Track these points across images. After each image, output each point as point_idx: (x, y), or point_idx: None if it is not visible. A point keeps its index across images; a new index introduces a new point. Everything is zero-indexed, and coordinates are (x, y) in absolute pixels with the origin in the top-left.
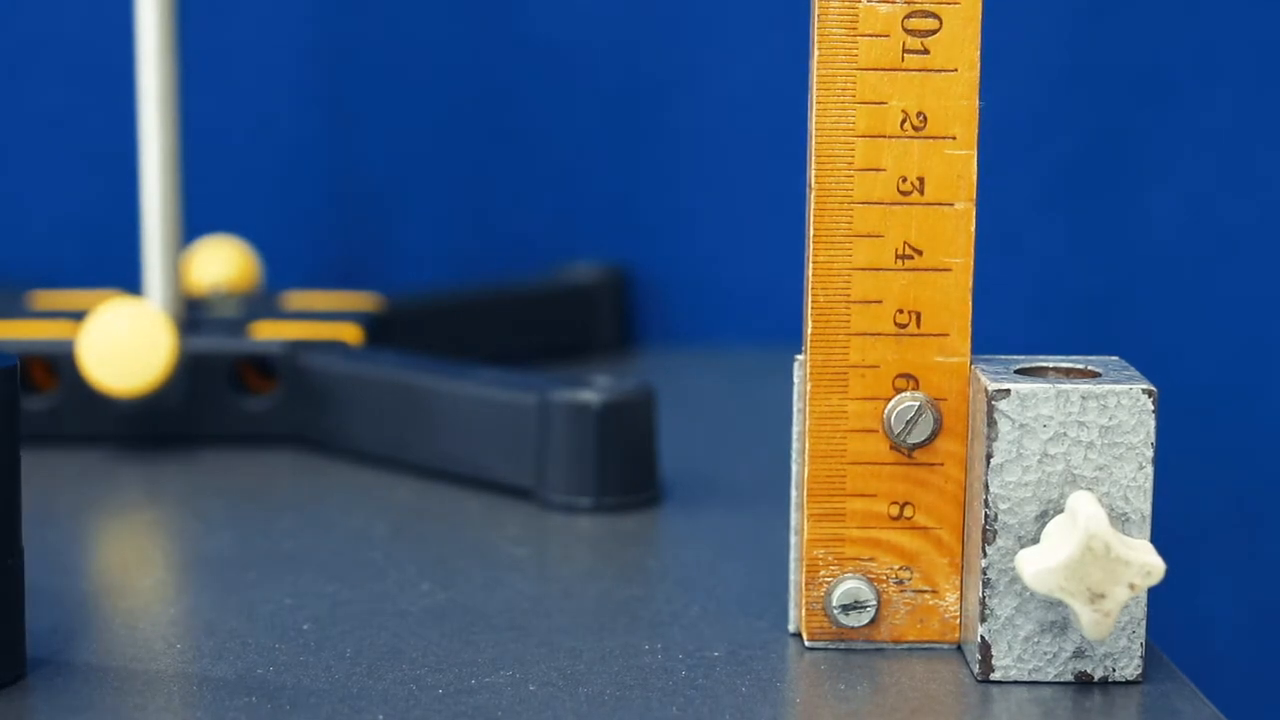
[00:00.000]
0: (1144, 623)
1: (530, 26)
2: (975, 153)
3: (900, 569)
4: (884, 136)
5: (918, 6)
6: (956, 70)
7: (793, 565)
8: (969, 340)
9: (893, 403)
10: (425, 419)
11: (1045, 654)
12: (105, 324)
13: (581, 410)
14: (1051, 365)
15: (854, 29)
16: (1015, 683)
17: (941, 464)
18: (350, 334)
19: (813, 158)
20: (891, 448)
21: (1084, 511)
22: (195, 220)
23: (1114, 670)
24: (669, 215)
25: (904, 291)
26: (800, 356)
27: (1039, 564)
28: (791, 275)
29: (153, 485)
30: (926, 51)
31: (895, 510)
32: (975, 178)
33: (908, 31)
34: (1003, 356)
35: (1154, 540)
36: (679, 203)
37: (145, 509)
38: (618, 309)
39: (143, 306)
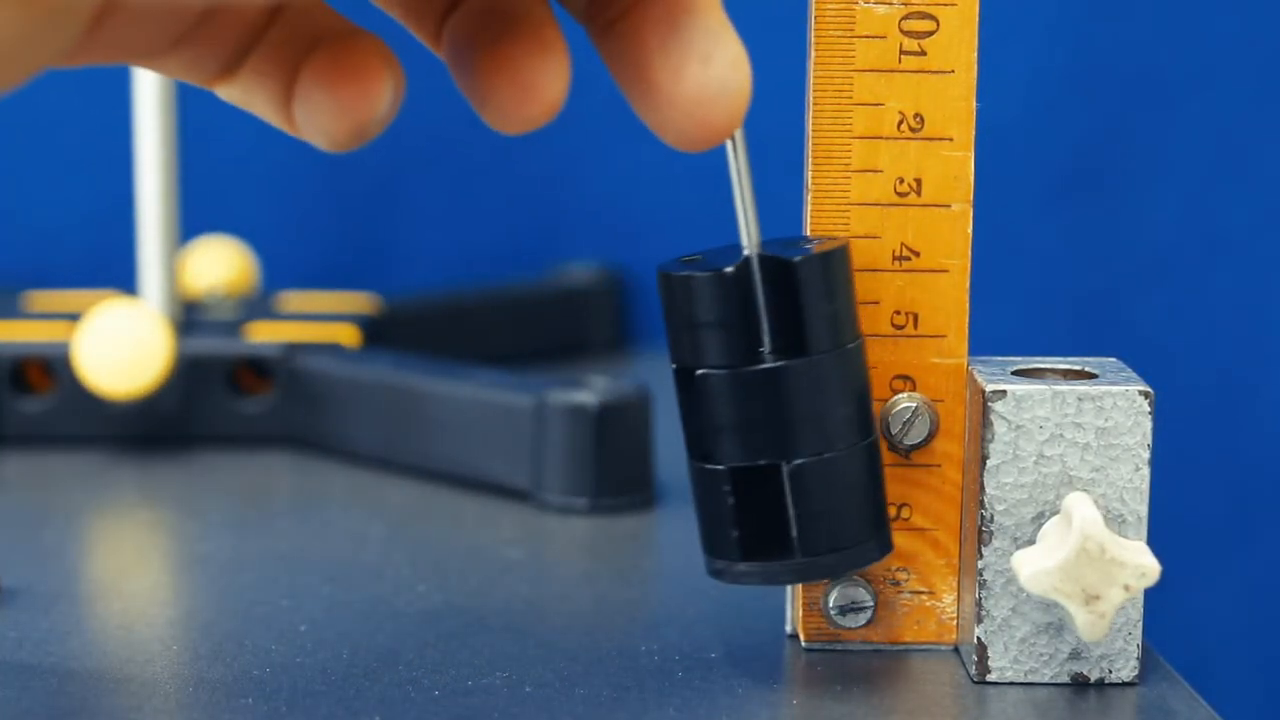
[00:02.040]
0: (1140, 624)
1: None
2: (972, 154)
3: (897, 570)
4: (881, 138)
5: (915, 8)
6: (954, 72)
7: None
8: (966, 341)
9: (890, 404)
10: (422, 421)
11: (1041, 655)
12: (102, 327)
13: (578, 412)
14: (1049, 366)
15: (851, 30)
16: (1011, 684)
17: (938, 465)
18: (347, 335)
19: (810, 159)
20: (888, 449)
21: (1079, 513)
22: (192, 220)
23: (1110, 672)
24: (664, 216)
25: (901, 293)
26: None
27: (1035, 565)
28: None
29: (149, 487)
30: (924, 53)
31: (892, 511)
32: (972, 179)
33: (905, 33)
34: (1000, 358)
35: (1150, 542)
36: (674, 204)
37: (141, 510)
38: (613, 310)
39: (139, 309)
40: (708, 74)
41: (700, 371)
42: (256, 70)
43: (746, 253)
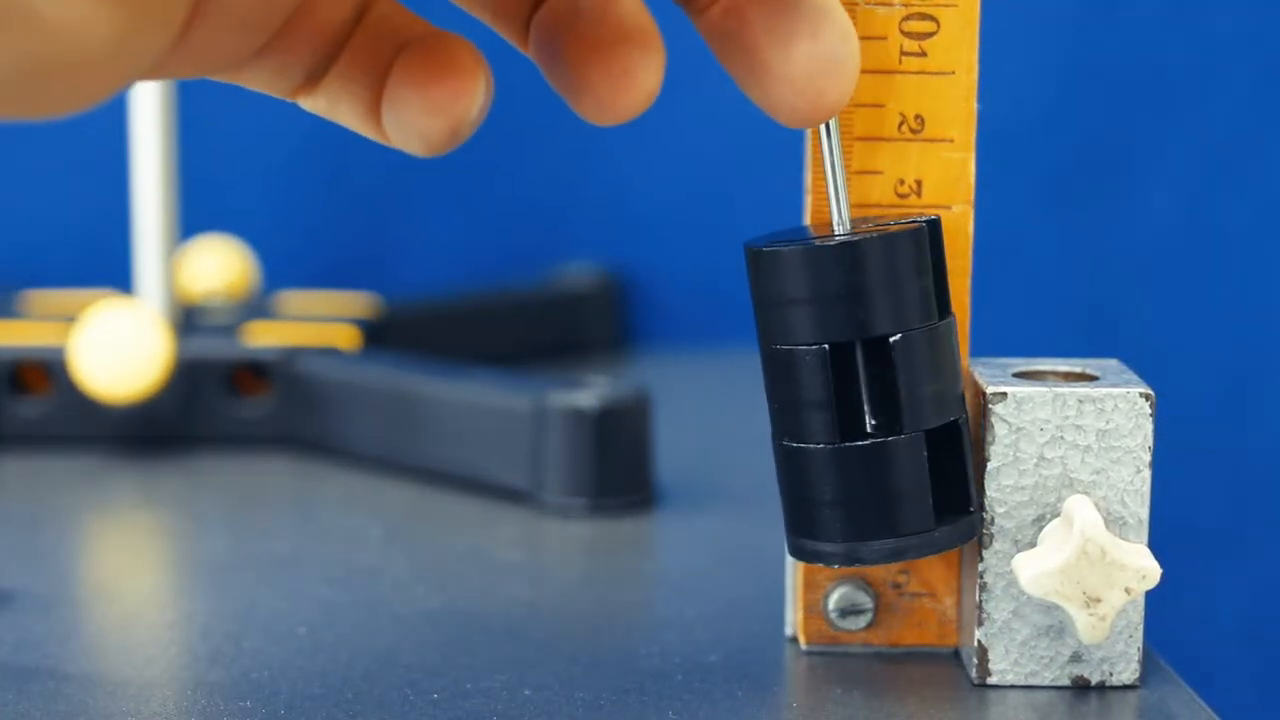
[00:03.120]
0: (1141, 627)
1: None
2: (973, 155)
3: (898, 572)
4: (882, 139)
5: (915, 9)
6: (954, 73)
7: (789, 569)
8: (967, 343)
9: None
10: (421, 422)
11: (1042, 658)
12: (99, 330)
13: (577, 414)
14: (1050, 368)
15: None
16: (1012, 687)
17: None
18: (346, 337)
19: (810, 160)
20: None
21: (1080, 516)
22: (190, 220)
23: (1111, 674)
24: (664, 218)
25: None
26: None
27: (1035, 568)
28: None
29: (148, 489)
30: (924, 54)
31: None
32: (973, 180)
33: (905, 34)
34: (1001, 359)
35: (1151, 544)
36: (674, 205)
37: (140, 513)
38: (613, 312)
39: (137, 311)
40: (819, 49)
41: (897, 336)
42: (341, 77)
43: (839, 228)
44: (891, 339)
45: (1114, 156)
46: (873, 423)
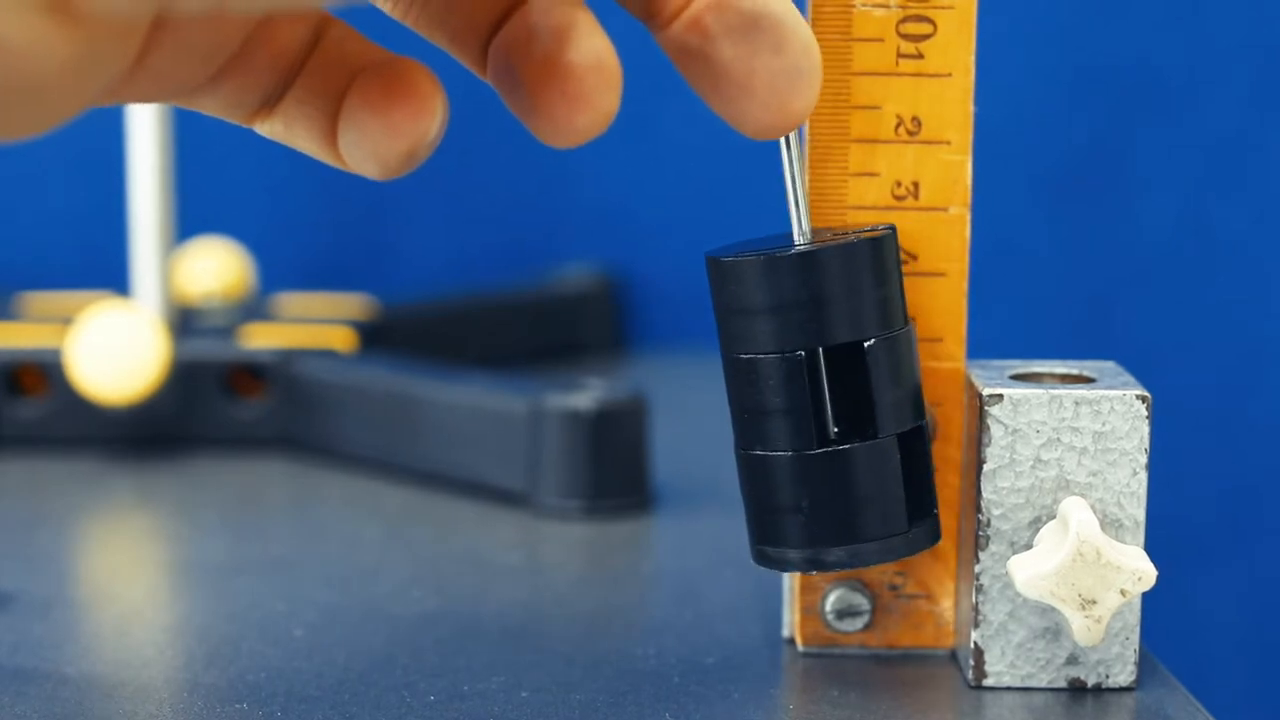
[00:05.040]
0: (1137, 629)
1: None
2: (970, 157)
3: (895, 574)
4: (878, 141)
5: (912, 11)
6: (951, 75)
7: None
8: (964, 345)
9: None
10: (418, 424)
11: (1038, 660)
12: (96, 331)
13: (574, 416)
14: (1047, 370)
15: (848, 34)
16: (1008, 689)
17: (936, 469)
18: (343, 339)
19: (807, 162)
20: None
21: (1075, 517)
22: (187, 222)
23: (1107, 677)
24: (661, 219)
25: None
26: None
27: (1031, 570)
28: None
29: (144, 491)
30: (921, 56)
31: None
32: (970, 182)
33: (902, 36)
34: (998, 361)
35: (1148, 546)
36: (671, 207)
37: (136, 515)
38: (610, 313)
39: (134, 314)
40: (782, 63)
41: (857, 344)
42: (297, 102)
43: (799, 238)
44: (852, 347)
45: (1111, 158)
46: (835, 429)
